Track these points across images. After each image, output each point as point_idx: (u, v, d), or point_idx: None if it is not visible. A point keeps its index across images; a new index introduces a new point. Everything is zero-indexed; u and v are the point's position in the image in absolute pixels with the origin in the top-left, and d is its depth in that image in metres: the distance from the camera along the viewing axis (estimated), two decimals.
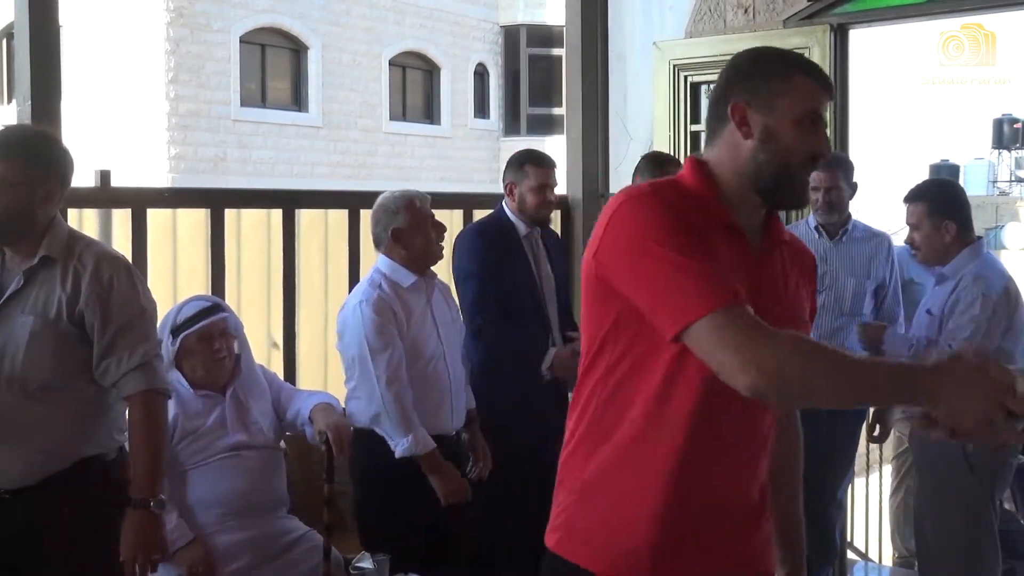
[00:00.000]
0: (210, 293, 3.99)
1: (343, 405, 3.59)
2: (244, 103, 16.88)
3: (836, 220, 4.18)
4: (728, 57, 1.96)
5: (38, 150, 2.69)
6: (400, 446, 3.37)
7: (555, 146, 14.82)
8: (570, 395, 4.03)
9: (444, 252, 3.66)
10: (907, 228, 3.79)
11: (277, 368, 4.11)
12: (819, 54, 4.72)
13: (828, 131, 4.97)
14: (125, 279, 2.70)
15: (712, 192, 1.83)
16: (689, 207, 1.77)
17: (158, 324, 3.01)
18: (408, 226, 3.51)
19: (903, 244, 3.94)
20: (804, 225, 4.27)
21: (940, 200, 3.74)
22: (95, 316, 2.64)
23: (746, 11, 5.03)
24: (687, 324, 1.65)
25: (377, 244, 3.59)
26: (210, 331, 3.36)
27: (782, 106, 1.80)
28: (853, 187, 4.20)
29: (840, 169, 4.17)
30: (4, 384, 2.63)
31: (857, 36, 4.86)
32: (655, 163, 4.12)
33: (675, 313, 1.67)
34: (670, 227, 1.71)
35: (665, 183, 1.86)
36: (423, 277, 3.55)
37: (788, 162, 1.81)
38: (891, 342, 3.82)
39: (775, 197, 1.86)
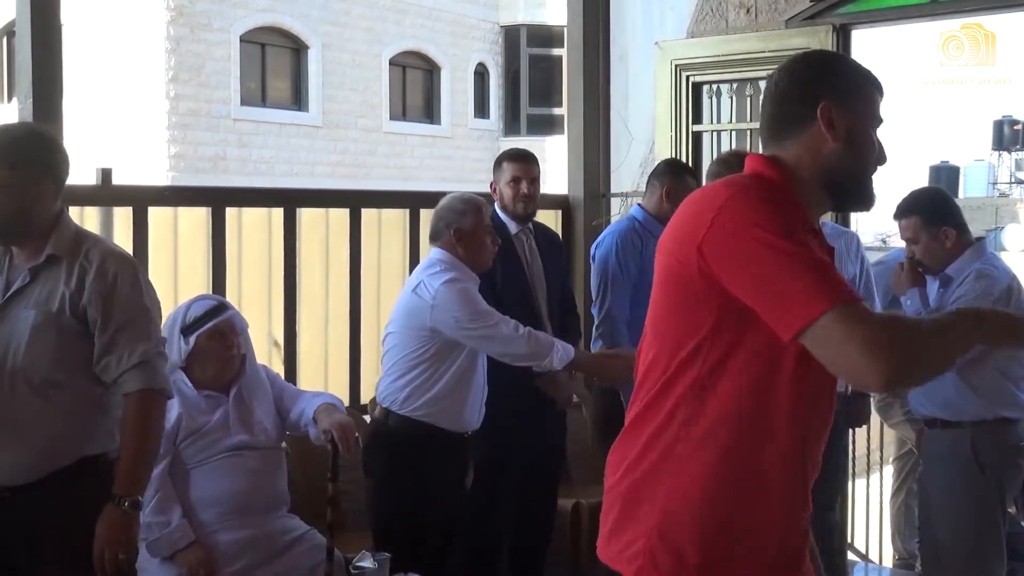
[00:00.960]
0: (211, 291, 3.98)
1: (346, 405, 3.60)
2: (244, 102, 16.86)
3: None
4: (730, 57, 1.98)
5: (26, 150, 2.66)
6: (557, 361, 3.52)
7: (555, 146, 14.84)
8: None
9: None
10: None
11: (278, 367, 4.11)
12: None
13: None
14: (129, 277, 2.69)
15: (792, 193, 1.83)
16: (786, 205, 1.76)
17: (163, 324, 3.00)
18: (472, 228, 3.59)
19: (905, 255, 3.90)
20: None
21: (932, 209, 3.73)
22: (97, 312, 2.63)
23: (748, 11, 5.03)
24: (811, 320, 1.60)
25: (434, 238, 3.65)
26: (221, 329, 3.37)
27: (862, 110, 1.85)
28: None
29: None
30: (8, 379, 2.62)
31: (858, 36, 4.86)
32: (675, 170, 4.22)
33: (798, 309, 1.62)
34: (786, 222, 1.69)
35: (756, 179, 1.83)
36: (475, 275, 3.63)
37: (866, 165, 1.85)
38: (911, 299, 3.76)
39: (848, 199, 1.91)
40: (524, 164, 4.06)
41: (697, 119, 5.15)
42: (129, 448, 2.67)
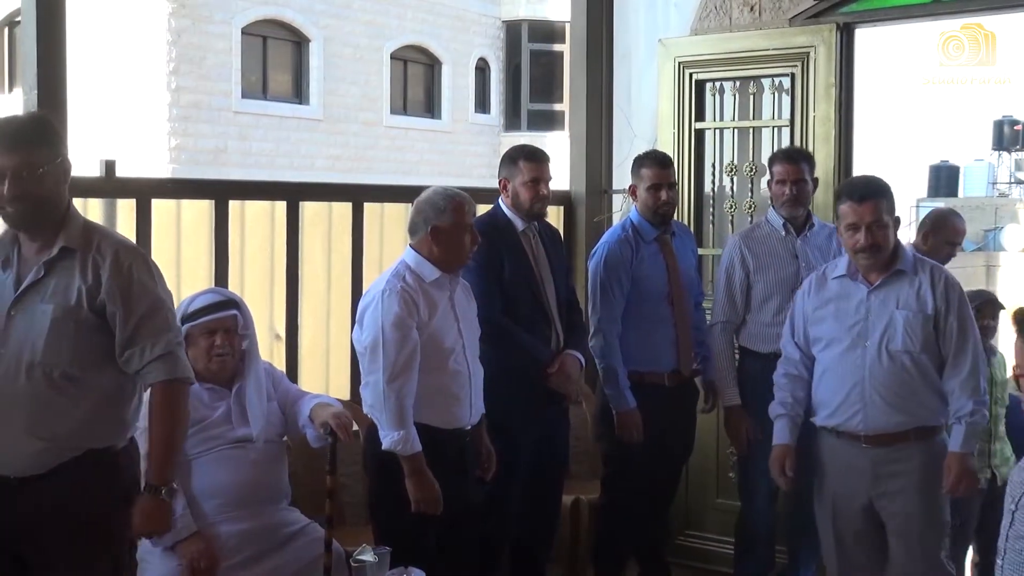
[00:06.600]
0: (213, 284, 3.99)
1: (348, 398, 3.59)
2: (245, 95, 16.86)
3: (801, 214, 4.23)
4: (733, 55, 1.95)
5: (48, 132, 2.69)
6: (388, 438, 3.32)
7: (555, 142, 14.82)
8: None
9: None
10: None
11: (279, 360, 4.11)
12: (825, 53, 4.71)
13: (832, 132, 4.83)
14: (143, 269, 2.72)
15: None
16: None
17: None
18: (450, 226, 3.46)
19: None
20: (767, 224, 4.27)
21: (890, 194, 3.52)
22: (117, 306, 2.65)
23: (752, 9, 5.02)
24: None
25: (412, 233, 3.53)
26: (214, 327, 3.36)
27: None
28: (815, 181, 4.29)
29: (805, 162, 4.25)
30: (24, 372, 2.63)
31: (862, 35, 4.85)
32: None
33: None
34: None
35: None
36: (447, 274, 3.51)
37: None
38: None
39: None
40: (542, 164, 4.01)
41: (700, 116, 5.13)
42: (159, 437, 2.71)
